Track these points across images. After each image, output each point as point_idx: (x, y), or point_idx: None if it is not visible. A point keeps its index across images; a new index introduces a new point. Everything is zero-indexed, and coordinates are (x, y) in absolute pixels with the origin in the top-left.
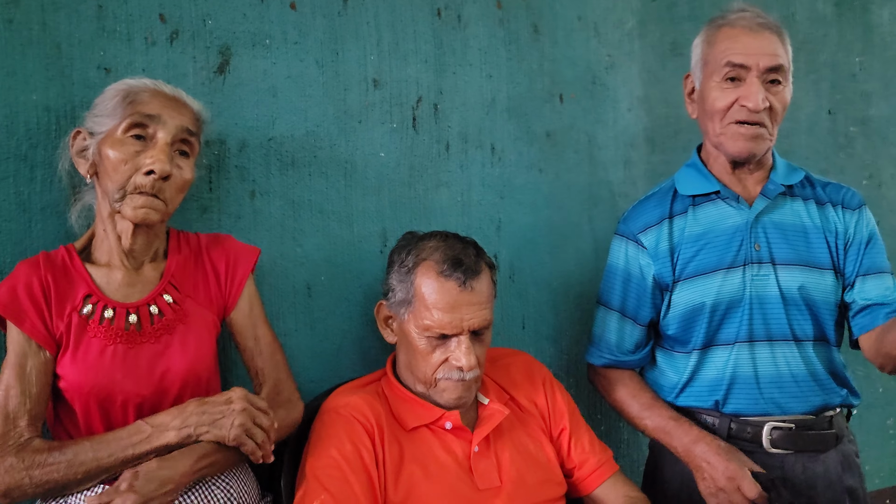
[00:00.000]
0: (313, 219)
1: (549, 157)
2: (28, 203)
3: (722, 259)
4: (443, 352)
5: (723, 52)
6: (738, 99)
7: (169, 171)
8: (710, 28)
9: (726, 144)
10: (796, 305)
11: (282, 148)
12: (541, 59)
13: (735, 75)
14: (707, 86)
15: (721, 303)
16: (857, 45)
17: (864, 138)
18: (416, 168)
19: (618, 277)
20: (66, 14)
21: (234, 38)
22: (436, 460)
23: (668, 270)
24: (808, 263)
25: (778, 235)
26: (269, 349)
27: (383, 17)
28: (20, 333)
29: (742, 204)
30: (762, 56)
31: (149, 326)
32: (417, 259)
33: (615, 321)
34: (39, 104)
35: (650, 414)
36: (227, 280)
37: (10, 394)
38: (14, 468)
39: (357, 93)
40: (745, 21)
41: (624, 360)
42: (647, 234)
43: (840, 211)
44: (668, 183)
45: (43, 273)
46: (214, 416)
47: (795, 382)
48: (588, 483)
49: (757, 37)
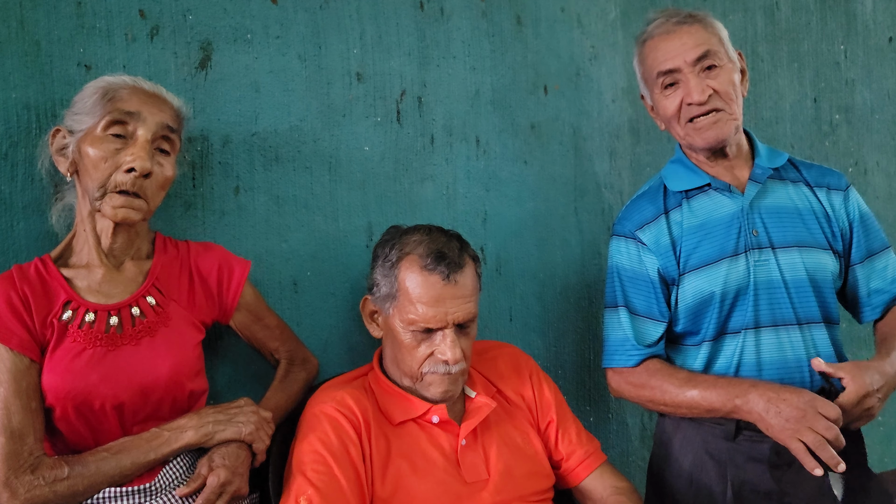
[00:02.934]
0: (298, 214)
1: (534, 149)
2: (10, 202)
3: (724, 248)
4: (428, 346)
5: (651, 65)
6: (682, 99)
7: (150, 168)
8: (638, 46)
9: (694, 141)
10: (798, 288)
11: (265, 143)
12: (524, 50)
13: (671, 80)
14: (655, 99)
15: (730, 291)
16: (840, 33)
17: (849, 126)
18: (400, 162)
19: (622, 277)
20: (45, 11)
21: (215, 33)
22: (423, 454)
23: (673, 264)
24: (805, 244)
25: (773, 219)
26: (278, 330)
27: (366, 11)
28: (9, 351)
29: (735, 192)
30: (685, 52)
31: (129, 328)
32: (401, 253)
33: (632, 321)
34: (19, 102)
35: (694, 383)
36: (222, 288)
37: (11, 411)
38: (35, 485)
39: (340, 87)
40: (661, 28)
41: (650, 351)
42: (645, 231)
43: (828, 193)
44: (657, 181)
45: (19, 286)
46: (230, 416)
47: (799, 367)
48: (576, 474)
49: (675, 36)
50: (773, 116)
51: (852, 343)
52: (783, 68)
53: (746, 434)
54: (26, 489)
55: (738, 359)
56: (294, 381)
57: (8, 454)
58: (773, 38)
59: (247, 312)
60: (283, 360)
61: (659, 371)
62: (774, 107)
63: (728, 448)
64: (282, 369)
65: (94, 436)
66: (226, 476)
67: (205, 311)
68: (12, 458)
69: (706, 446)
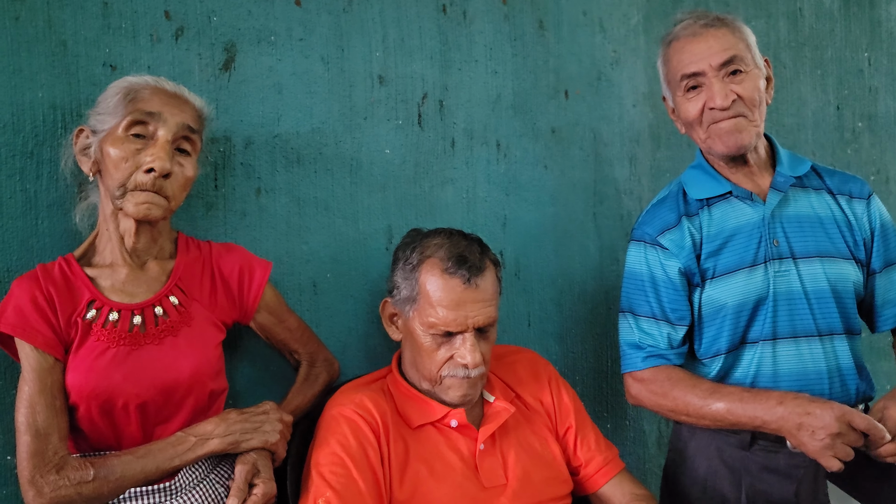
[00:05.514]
0: (319, 216)
1: (554, 153)
2: (35, 200)
3: (743, 258)
4: (448, 349)
5: (676, 66)
6: (705, 103)
7: (169, 168)
8: (663, 47)
9: (714, 146)
10: (820, 298)
11: (287, 145)
12: (546, 54)
13: (694, 83)
14: (678, 102)
15: (747, 302)
16: (864, 40)
17: (871, 134)
18: (421, 165)
19: (643, 283)
20: (72, 11)
21: (240, 34)
22: (441, 458)
23: (695, 266)
24: (827, 254)
25: (795, 228)
26: (299, 332)
27: (388, 14)
28: (34, 350)
29: (756, 200)
30: (711, 56)
31: (153, 328)
32: (422, 256)
33: (651, 325)
34: (45, 101)
35: (718, 396)
36: (243, 289)
37: (36, 410)
38: (60, 486)
39: (362, 89)
40: (687, 29)
41: (671, 356)
42: (667, 236)
43: (850, 202)
44: (676, 186)
45: (44, 285)
46: (256, 424)
47: (819, 379)
48: (594, 481)
49: (701, 39)
50: (795, 123)
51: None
52: (806, 75)
53: (762, 444)
54: (51, 489)
55: (755, 370)
56: (315, 383)
57: (33, 453)
58: (796, 45)
59: (267, 313)
60: (303, 361)
61: (681, 381)
62: (797, 114)
63: (743, 457)
64: (303, 371)
65: (115, 435)
66: (273, 489)
67: (226, 312)
68: (37, 457)
69: (721, 454)
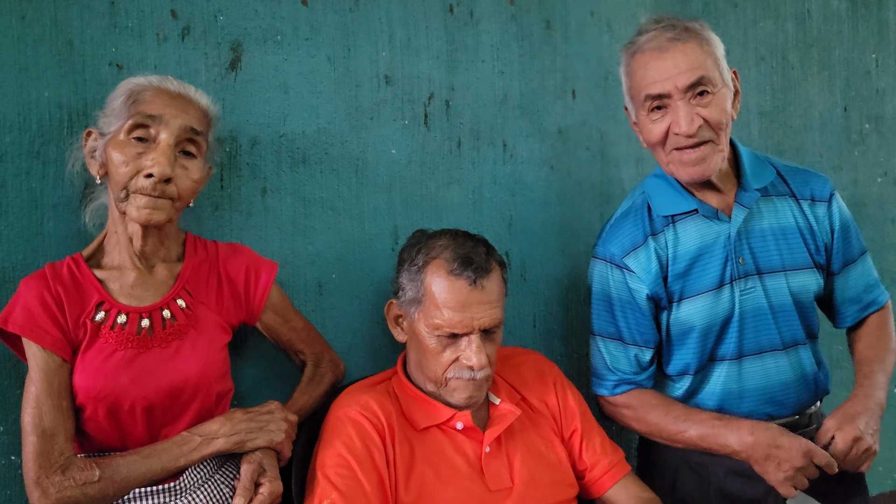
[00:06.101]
0: (324, 216)
1: (560, 153)
2: (40, 200)
3: (710, 279)
4: (453, 351)
5: (639, 84)
6: (669, 126)
7: (169, 173)
8: (626, 56)
9: (677, 173)
10: (784, 312)
11: (293, 145)
12: (553, 55)
13: (659, 104)
14: (640, 120)
15: (714, 323)
16: (872, 41)
17: (879, 135)
18: (427, 165)
19: (610, 305)
20: (79, 10)
21: (246, 33)
22: (447, 461)
23: (662, 289)
24: (791, 266)
25: (759, 243)
26: (305, 332)
27: (395, 14)
28: (42, 350)
29: (722, 218)
30: (677, 76)
31: (160, 331)
32: (427, 258)
33: (618, 348)
34: (52, 101)
35: (691, 423)
36: (249, 289)
37: (42, 410)
38: (66, 486)
39: (369, 89)
40: (653, 42)
41: (640, 380)
42: (633, 258)
43: (812, 205)
44: (640, 198)
45: (52, 285)
46: (261, 423)
47: (783, 389)
48: (600, 485)
49: (668, 56)
50: (802, 125)
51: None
52: (813, 76)
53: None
54: (57, 489)
55: (720, 387)
56: (320, 384)
57: (39, 453)
58: (803, 46)
59: (273, 314)
60: (309, 361)
61: (654, 407)
62: (804, 115)
63: (709, 462)
64: (308, 371)
65: (121, 437)
66: (280, 488)
67: (232, 313)
68: (43, 458)
69: (687, 459)
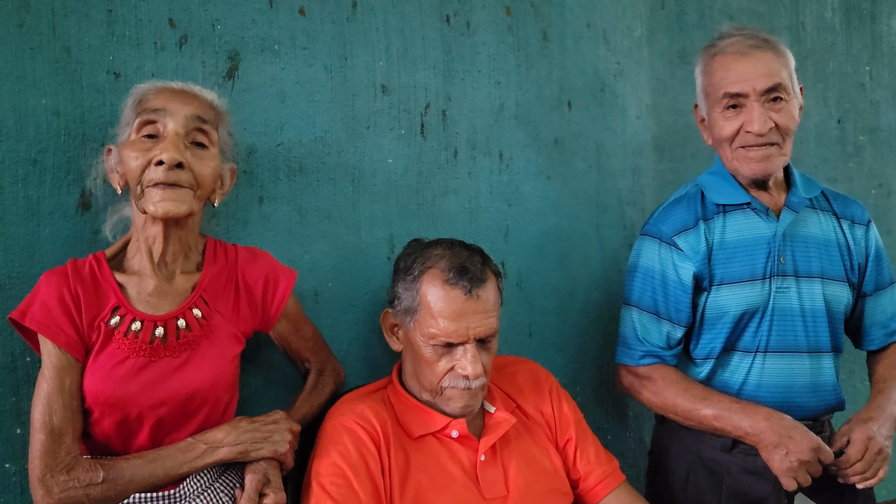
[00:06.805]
0: (321, 225)
1: (556, 164)
2: (37, 207)
3: (751, 270)
4: (448, 360)
5: (719, 82)
6: (742, 125)
7: (179, 158)
8: (705, 57)
9: (740, 168)
10: (815, 318)
11: (290, 154)
12: (549, 66)
13: (735, 103)
14: (712, 116)
15: (746, 313)
16: (866, 54)
17: (873, 147)
18: (423, 174)
19: (653, 280)
20: (76, 18)
21: (243, 43)
22: (442, 469)
23: (707, 270)
24: (827, 276)
25: (801, 248)
26: (313, 341)
27: (392, 24)
28: (56, 348)
29: (770, 216)
30: (757, 79)
31: (174, 341)
32: (423, 267)
33: (651, 321)
34: (49, 108)
35: (709, 402)
36: (267, 298)
37: (52, 408)
38: (69, 486)
39: (365, 99)
40: (735, 46)
41: (667, 356)
42: (683, 237)
43: (852, 227)
44: (693, 188)
45: (72, 283)
46: (266, 434)
47: (802, 392)
48: (594, 494)
49: (749, 60)
50: (797, 137)
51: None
52: (808, 89)
53: (742, 447)
54: (61, 489)
55: (742, 377)
56: (322, 393)
57: (46, 451)
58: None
59: (287, 322)
60: (313, 370)
61: (675, 383)
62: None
63: (724, 459)
64: (311, 380)
65: (123, 442)
66: (283, 498)
67: (248, 322)
68: (49, 456)
69: (701, 457)
